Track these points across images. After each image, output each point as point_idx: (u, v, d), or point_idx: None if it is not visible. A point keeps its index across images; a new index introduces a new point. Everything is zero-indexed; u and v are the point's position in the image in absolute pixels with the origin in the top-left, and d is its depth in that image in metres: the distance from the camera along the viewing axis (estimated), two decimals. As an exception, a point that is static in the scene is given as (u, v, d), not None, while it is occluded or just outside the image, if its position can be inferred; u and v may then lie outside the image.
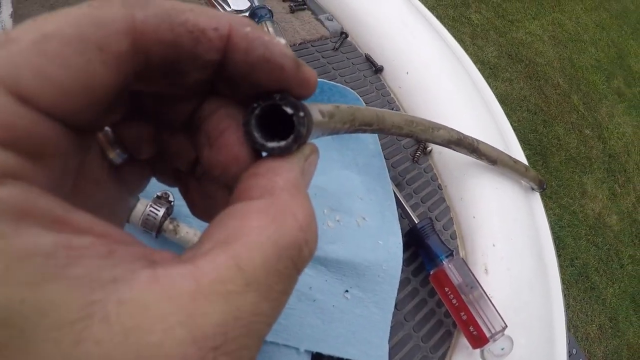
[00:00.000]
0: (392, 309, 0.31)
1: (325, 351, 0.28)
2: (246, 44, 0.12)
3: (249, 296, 0.10)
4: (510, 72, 2.01)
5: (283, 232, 0.11)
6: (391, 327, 0.32)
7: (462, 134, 0.41)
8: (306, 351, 0.28)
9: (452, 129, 0.41)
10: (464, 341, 0.36)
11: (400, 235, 0.34)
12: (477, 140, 0.43)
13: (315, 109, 0.28)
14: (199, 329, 0.09)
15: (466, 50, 0.62)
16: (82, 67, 0.10)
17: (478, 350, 0.35)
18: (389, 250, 0.33)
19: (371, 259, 0.31)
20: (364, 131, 0.35)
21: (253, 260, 0.10)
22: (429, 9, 0.62)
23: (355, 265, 0.30)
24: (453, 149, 0.42)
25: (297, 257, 0.11)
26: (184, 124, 0.15)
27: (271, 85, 0.13)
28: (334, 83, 0.37)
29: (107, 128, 0.14)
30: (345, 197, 0.33)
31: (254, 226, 0.11)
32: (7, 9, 0.50)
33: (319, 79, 0.35)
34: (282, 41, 0.13)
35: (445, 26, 0.64)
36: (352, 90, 0.38)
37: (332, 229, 0.31)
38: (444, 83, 0.50)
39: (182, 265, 0.10)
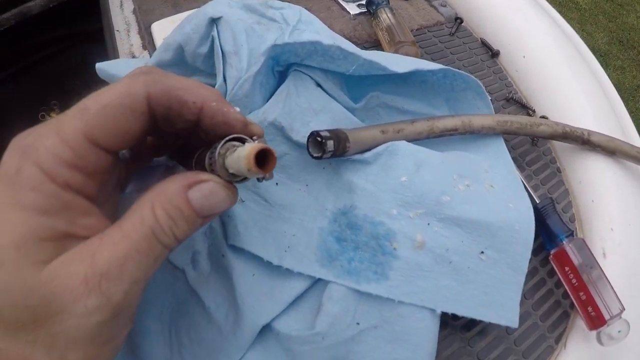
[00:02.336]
0: (525, 270, 0.32)
1: (460, 312, 0.30)
2: (212, 112, 0.20)
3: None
4: (622, 59, 1.85)
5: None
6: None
7: (568, 126, 0.41)
8: (440, 312, 0.30)
9: (556, 123, 0.41)
10: (580, 323, 0.37)
11: (529, 201, 0.35)
12: (588, 132, 0.42)
13: (377, 129, 0.31)
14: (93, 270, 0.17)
15: None
16: (123, 121, 0.19)
17: (594, 333, 0.36)
18: (520, 212, 0.33)
19: (504, 220, 0.32)
20: (451, 135, 0.37)
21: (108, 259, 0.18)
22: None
23: (488, 225, 0.31)
24: (562, 142, 0.42)
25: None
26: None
27: (228, 133, 0.21)
28: (458, 71, 0.38)
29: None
30: (471, 168, 0.34)
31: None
32: (129, 6, 0.56)
33: (445, 67, 0.37)
34: (237, 109, 0.21)
35: (553, 12, 0.62)
36: (475, 78, 0.39)
37: (462, 192, 0.32)
38: (560, 67, 0.49)
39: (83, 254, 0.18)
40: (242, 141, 0.20)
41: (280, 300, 0.28)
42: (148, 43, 0.48)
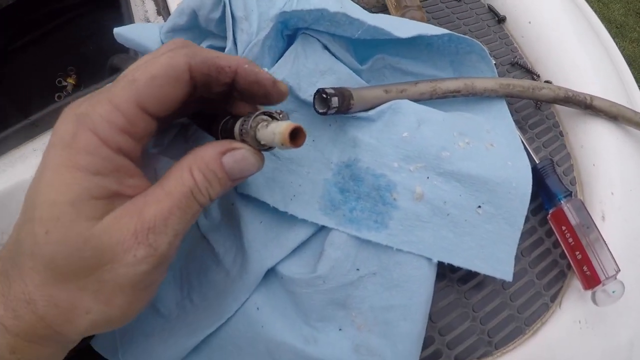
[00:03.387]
0: (521, 226, 0.33)
1: (456, 262, 0.31)
2: (245, 74, 0.23)
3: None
4: (638, 31, 1.81)
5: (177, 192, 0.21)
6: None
7: (571, 91, 0.42)
8: (436, 262, 0.31)
9: (558, 87, 0.42)
10: (576, 283, 0.38)
11: (528, 160, 0.36)
12: (591, 97, 0.43)
13: (380, 89, 0.32)
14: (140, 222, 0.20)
15: (591, 8, 0.59)
16: (170, 89, 0.21)
17: (589, 292, 0.37)
18: (518, 170, 0.34)
19: (502, 176, 0.33)
20: (454, 96, 0.38)
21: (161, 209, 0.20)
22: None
23: (486, 181, 0.32)
24: (564, 106, 0.43)
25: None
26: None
27: (260, 93, 0.24)
28: (462, 36, 0.38)
29: None
30: (473, 127, 0.35)
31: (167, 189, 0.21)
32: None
33: (449, 32, 0.37)
34: (265, 69, 0.24)
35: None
36: (479, 42, 0.39)
37: (462, 149, 0.33)
38: (566, 33, 0.50)
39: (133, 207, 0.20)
40: (270, 116, 0.23)
41: (285, 246, 0.30)
42: (162, 9, 0.49)
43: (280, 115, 0.23)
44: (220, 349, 0.29)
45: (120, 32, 0.38)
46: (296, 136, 0.20)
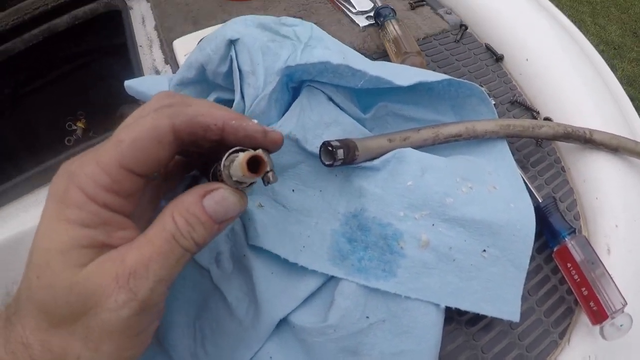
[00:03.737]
0: (527, 267, 0.34)
1: (463, 307, 0.32)
2: (233, 130, 0.23)
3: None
4: (636, 51, 1.82)
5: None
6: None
7: (570, 126, 0.43)
8: (444, 307, 0.32)
9: (558, 124, 0.43)
10: (584, 318, 0.38)
11: (531, 201, 0.37)
12: (590, 131, 0.44)
13: (384, 138, 0.33)
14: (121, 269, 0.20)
15: (587, 31, 0.61)
16: (153, 151, 0.21)
17: (598, 327, 0.37)
18: (521, 211, 0.35)
19: (505, 219, 0.34)
20: (456, 140, 0.39)
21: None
22: (546, -11, 0.62)
23: (490, 225, 0.33)
24: (564, 142, 0.44)
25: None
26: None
27: (253, 146, 0.24)
28: (462, 80, 0.40)
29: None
30: (474, 171, 0.36)
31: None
32: (151, 22, 0.60)
33: (449, 77, 0.39)
34: (255, 121, 0.24)
35: (563, 6, 0.63)
36: (478, 85, 0.41)
37: (465, 194, 0.34)
38: (563, 68, 0.51)
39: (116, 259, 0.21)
40: (242, 150, 0.23)
41: (296, 296, 0.31)
42: (170, 58, 0.51)
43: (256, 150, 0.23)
44: None
45: (131, 85, 0.40)
46: (257, 165, 0.21)
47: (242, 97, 0.37)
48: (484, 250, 0.33)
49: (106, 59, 0.74)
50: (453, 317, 0.36)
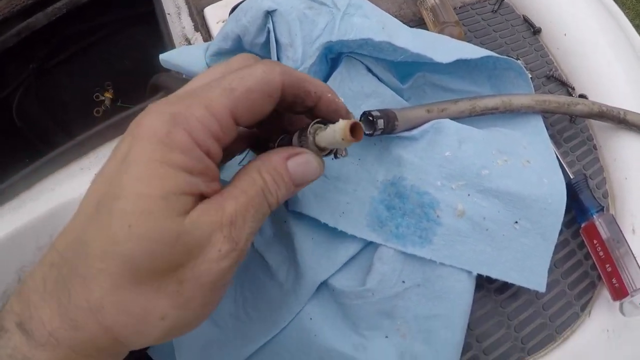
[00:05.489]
0: (555, 240, 0.35)
1: (494, 275, 0.33)
2: (328, 102, 0.24)
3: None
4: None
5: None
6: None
7: (605, 105, 0.43)
8: (475, 274, 0.33)
9: (593, 102, 0.43)
10: (606, 294, 0.40)
11: (562, 177, 0.37)
12: (624, 111, 0.43)
13: (422, 109, 0.33)
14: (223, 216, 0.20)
15: (624, 4, 0.59)
16: (262, 104, 0.21)
17: (617, 303, 0.38)
18: (553, 186, 0.36)
19: (538, 193, 0.35)
20: (492, 113, 0.39)
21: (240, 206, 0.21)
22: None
23: (524, 198, 0.34)
24: (598, 120, 0.44)
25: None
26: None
27: (334, 118, 0.24)
28: (501, 56, 0.40)
29: None
30: (510, 144, 0.37)
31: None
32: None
33: (488, 52, 0.39)
34: (342, 100, 0.25)
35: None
36: (516, 60, 0.40)
37: (501, 167, 0.35)
38: (601, 45, 0.50)
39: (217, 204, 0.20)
40: (324, 124, 0.24)
41: (336, 260, 0.32)
42: (201, 26, 0.50)
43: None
44: (275, 355, 0.31)
45: (166, 59, 0.40)
46: (355, 131, 0.22)
47: None
48: (516, 222, 0.34)
49: (133, 28, 0.72)
50: (483, 284, 0.37)
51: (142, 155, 0.18)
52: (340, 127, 0.21)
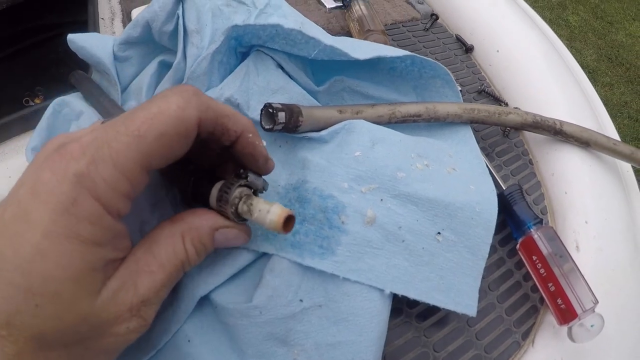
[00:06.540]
0: (486, 255, 0.30)
1: (412, 295, 0.28)
2: (245, 143, 0.22)
3: None
4: (610, 76, 1.87)
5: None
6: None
7: (539, 116, 0.40)
8: (390, 294, 0.28)
9: (526, 112, 0.40)
10: (550, 318, 0.35)
11: (493, 184, 0.33)
12: (560, 122, 0.41)
13: (334, 109, 0.31)
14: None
15: None
16: (177, 148, 0.19)
17: (565, 328, 0.34)
18: (482, 194, 0.32)
19: (463, 201, 0.30)
20: (415, 121, 0.36)
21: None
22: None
23: (446, 205, 0.30)
24: (533, 132, 0.41)
25: None
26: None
27: (248, 164, 0.24)
28: (425, 58, 0.37)
29: None
30: (433, 150, 0.33)
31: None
32: None
33: (412, 54, 0.36)
34: (264, 143, 0.24)
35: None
36: (443, 66, 0.38)
37: (420, 171, 0.31)
38: (533, 60, 0.49)
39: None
40: (248, 186, 0.23)
41: (221, 272, 0.27)
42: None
43: (261, 184, 0.24)
44: None
45: (74, 39, 0.37)
46: (288, 222, 0.21)
47: (185, 57, 0.34)
48: (439, 233, 0.30)
49: (67, 34, 0.72)
50: (402, 308, 0.32)
51: (46, 224, 0.17)
52: (272, 219, 0.21)
